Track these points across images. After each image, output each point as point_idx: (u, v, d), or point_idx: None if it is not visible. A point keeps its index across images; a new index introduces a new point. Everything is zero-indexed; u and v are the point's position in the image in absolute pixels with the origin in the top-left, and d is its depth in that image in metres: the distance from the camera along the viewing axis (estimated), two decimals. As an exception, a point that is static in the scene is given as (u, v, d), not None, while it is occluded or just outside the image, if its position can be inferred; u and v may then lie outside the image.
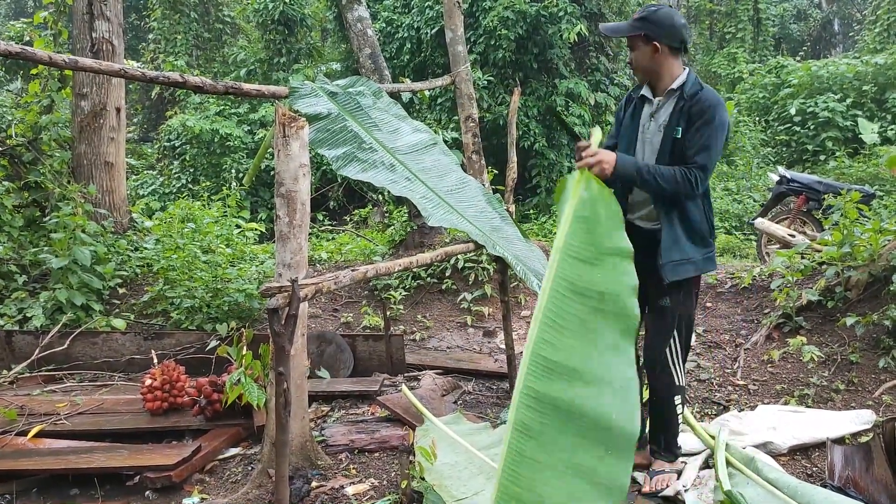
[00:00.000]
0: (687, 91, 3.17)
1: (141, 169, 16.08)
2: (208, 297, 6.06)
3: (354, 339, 5.46)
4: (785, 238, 6.83)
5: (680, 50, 3.20)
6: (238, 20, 19.96)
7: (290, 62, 16.28)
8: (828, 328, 5.02)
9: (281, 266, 3.37)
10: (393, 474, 3.67)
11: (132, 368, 5.53)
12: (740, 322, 5.61)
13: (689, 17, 28.17)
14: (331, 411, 4.63)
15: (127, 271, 6.93)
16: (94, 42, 7.28)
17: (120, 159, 7.70)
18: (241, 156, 14.50)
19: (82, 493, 3.71)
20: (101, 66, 3.06)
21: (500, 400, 4.83)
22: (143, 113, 20.99)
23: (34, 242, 6.86)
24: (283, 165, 3.34)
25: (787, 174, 7.98)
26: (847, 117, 15.39)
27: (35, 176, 7.11)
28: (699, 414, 4.38)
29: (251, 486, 3.49)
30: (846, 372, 4.51)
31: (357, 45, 8.42)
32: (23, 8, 27.74)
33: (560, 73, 13.06)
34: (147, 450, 3.95)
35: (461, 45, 6.77)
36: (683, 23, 3.19)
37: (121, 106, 7.66)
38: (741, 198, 13.37)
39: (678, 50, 3.19)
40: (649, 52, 3.18)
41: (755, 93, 18.38)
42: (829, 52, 29.63)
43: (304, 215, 3.40)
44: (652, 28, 3.14)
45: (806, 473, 3.60)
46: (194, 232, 7.11)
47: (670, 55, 3.18)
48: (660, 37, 3.13)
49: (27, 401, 4.63)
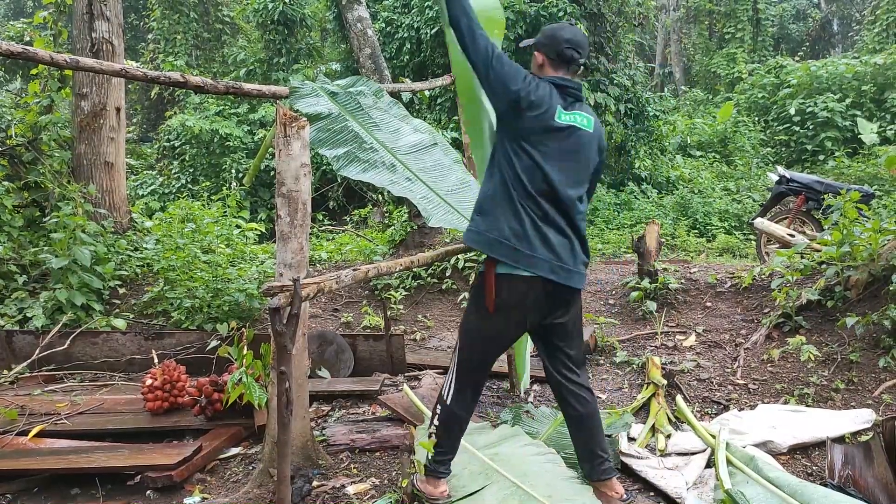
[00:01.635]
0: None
1: (140, 169, 16.07)
2: (209, 297, 6.06)
3: (355, 339, 5.46)
4: (784, 238, 6.83)
5: (559, 62, 3.21)
6: (237, 20, 19.95)
7: (290, 62, 16.28)
8: (827, 328, 5.02)
9: (282, 266, 3.37)
10: (394, 473, 3.68)
11: (132, 368, 5.54)
12: (740, 321, 5.62)
13: (688, 18, 28.22)
14: (331, 411, 4.64)
15: (127, 271, 6.93)
16: (94, 42, 7.28)
17: (120, 159, 7.70)
18: (240, 156, 14.51)
19: (83, 493, 3.72)
20: (103, 66, 3.05)
21: (500, 399, 4.84)
22: (143, 113, 20.99)
23: (34, 242, 6.86)
24: (285, 165, 3.34)
25: (786, 174, 7.99)
26: (846, 117, 15.42)
27: (35, 176, 7.11)
28: (699, 413, 4.39)
29: (252, 485, 3.49)
30: (846, 371, 4.52)
31: (357, 45, 8.43)
32: (22, 8, 27.74)
33: (559, 73, 13.05)
34: (148, 449, 3.95)
35: (461, 45, 6.76)
36: (569, 37, 3.19)
37: (120, 106, 7.66)
38: (740, 198, 13.38)
39: (557, 62, 3.21)
40: (536, 62, 3.31)
41: (754, 93, 18.41)
42: (829, 52, 29.65)
43: (305, 215, 3.41)
44: (540, 39, 3.29)
45: (806, 472, 3.61)
46: (194, 232, 7.12)
47: (550, 67, 3.23)
48: (543, 49, 3.25)
49: (28, 401, 4.63)
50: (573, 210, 3.09)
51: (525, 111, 3.04)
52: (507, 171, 3.08)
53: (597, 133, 3.20)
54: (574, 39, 3.18)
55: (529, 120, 3.04)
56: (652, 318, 5.85)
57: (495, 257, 3.01)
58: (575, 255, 3.10)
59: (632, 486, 3.56)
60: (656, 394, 4.40)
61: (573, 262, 3.08)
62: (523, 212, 3.02)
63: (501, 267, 3.02)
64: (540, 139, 3.05)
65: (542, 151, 3.04)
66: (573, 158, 3.11)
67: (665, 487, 3.40)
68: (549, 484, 3.26)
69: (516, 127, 3.08)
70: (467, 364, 3.22)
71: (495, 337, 3.18)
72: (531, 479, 3.32)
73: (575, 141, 3.11)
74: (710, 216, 12.24)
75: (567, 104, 3.12)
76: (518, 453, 3.58)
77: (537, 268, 2.98)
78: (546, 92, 3.09)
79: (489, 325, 3.13)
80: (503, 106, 3.11)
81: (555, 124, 3.06)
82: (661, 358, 5.02)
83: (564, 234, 3.07)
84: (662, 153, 15.38)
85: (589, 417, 3.31)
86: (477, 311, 3.17)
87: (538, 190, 3.03)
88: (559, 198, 3.04)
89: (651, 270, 6.06)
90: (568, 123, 3.09)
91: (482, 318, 3.13)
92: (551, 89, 3.12)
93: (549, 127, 3.05)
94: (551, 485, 3.25)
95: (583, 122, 3.13)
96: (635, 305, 6.02)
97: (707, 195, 13.25)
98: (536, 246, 2.99)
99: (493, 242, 3.02)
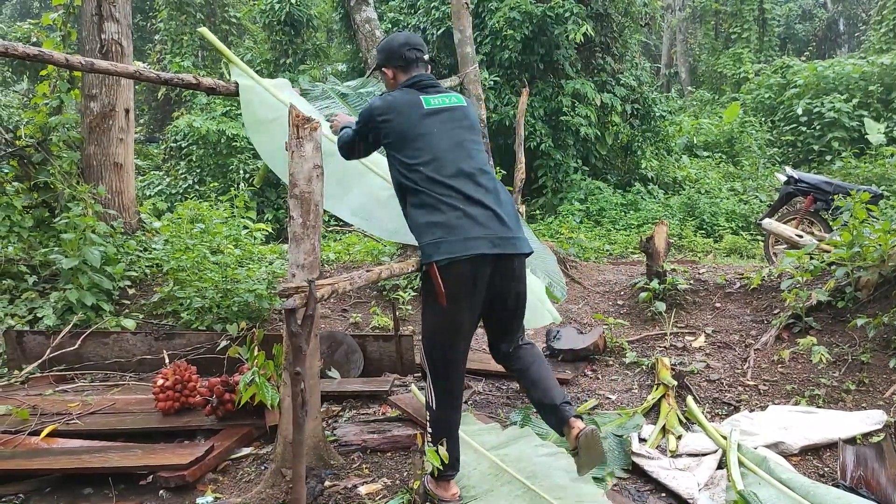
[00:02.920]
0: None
1: (147, 170, 16.10)
2: (218, 297, 6.07)
3: (364, 340, 5.47)
4: (793, 238, 6.82)
5: (406, 65, 3.46)
6: (244, 21, 20.01)
7: (297, 63, 16.31)
8: (838, 329, 5.02)
9: (294, 267, 3.38)
10: (405, 474, 3.68)
11: (143, 368, 5.55)
12: (749, 322, 5.62)
13: (694, 18, 28.19)
14: (342, 411, 4.65)
15: (136, 272, 6.95)
16: (104, 43, 7.29)
17: (129, 160, 7.72)
18: (247, 156, 14.52)
19: (96, 493, 3.73)
20: (118, 67, 3.07)
21: (509, 400, 4.84)
22: (149, 114, 21.06)
23: (44, 243, 6.87)
24: (297, 167, 3.36)
25: (794, 174, 7.97)
26: (853, 117, 15.40)
27: (45, 177, 7.13)
28: (710, 414, 4.38)
29: (264, 485, 3.50)
30: (857, 372, 4.51)
31: (365, 46, 8.44)
32: (28, 9, 27.83)
33: (566, 74, 13.07)
34: (160, 449, 3.96)
35: (469, 46, 6.78)
36: (403, 41, 3.46)
37: (130, 107, 7.68)
38: (747, 198, 13.37)
39: (405, 66, 3.46)
40: (388, 78, 3.54)
41: (761, 93, 18.39)
42: (835, 52, 29.60)
43: (317, 216, 3.42)
44: (380, 58, 3.55)
45: (818, 473, 3.61)
46: (203, 233, 7.13)
47: (402, 73, 3.47)
48: (387, 63, 3.50)
49: (39, 401, 4.64)
50: (480, 180, 3.20)
51: (388, 128, 3.25)
52: (407, 180, 3.20)
53: (467, 104, 3.44)
54: (409, 41, 3.46)
55: (396, 127, 3.23)
56: (661, 319, 5.85)
57: (441, 258, 3.04)
58: (504, 222, 3.16)
59: (643, 486, 3.56)
60: (666, 395, 4.41)
61: (506, 230, 3.15)
62: (438, 203, 3.10)
63: (440, 260, 3.05)
64: (416, 134, 3.21)
65: (426, 141, 3.19)
66: (456, 134, 3.26)
67: (677, 488, 3.40)
68: (559, 485, 3.27)
69: (392, 140, 3.26)
70: (438, 364, 3.26)
71: (454, 327, 3.19)
72: (541, 479, 3.33)
73: (449, 117, 3.30)
74: (716, 216, 12.23)
75: (428, 94, 3.33)
76: (528, 454, 3.59)
77: (473, 248, 3.04)
78: (394, 99, 3.31)
79: (445, 318, 3.15)
80: (383, 145, 3.36)
81: (424, 111, 3.26)
82: (670, 359, 5.02)
83: (484, 205, 3.14)
84: (669, 153, 15.38)
85: (530, 368, 3.40)
86: (432, 309, 3.20)
87: (441, 176, 3.14)
88: (463, 174, 3.16)
89: (660, 271, 6.06)
90: (436, 107, 3.29)
91: (436, 313, 3.16)
92: (403, 92, 3.36)
93: (419, 116, 3.24)
94: (561, 485, 3.26)
95: (450, 101, 3.35)
96: (644, 306, 6.02)
97: (714, 195, 13.24)
98: (465, 228, 3.06)
99: (432, 249, 3.06)
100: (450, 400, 3.27)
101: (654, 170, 14.45)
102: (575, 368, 5.32)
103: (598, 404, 4.65)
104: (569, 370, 5.25)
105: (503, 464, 3.52)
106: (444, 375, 3.25)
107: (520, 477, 3.36)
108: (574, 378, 5.13)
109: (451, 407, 3.27)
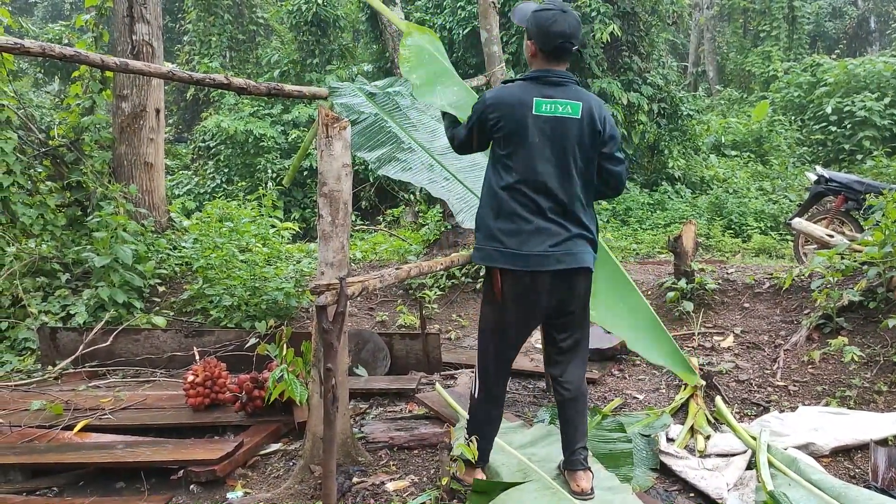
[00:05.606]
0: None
1: (176, 169, 16.30)
2: (246, 295, 6.14)
3: (391, 338, 5.50)
4: (823, 238, 6.73)
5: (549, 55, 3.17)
6: (271, 22, 20.16)
7: (323, 63, 16.41)
8: (869, 329, 4.95)
9: (324, 265, 3.41)
10: (433, 471, 3.70)
11: (173, 365, 5.62)
12: (779, 322, 5.56)
13: (722, 16, 27.93)
14: (369, 409, 4.68)
15: (166, 270, 7.05)
16: (135, 44, 7.40)
17: (159, 160, 7.83)
18: (274, 156, 14.66)
19: (128, 487, 3.80)
20: (151, 68, 3.12)
21: (536, 399, 4.84)
22: (178, 114, 21.29)
23: (76, 241, 7.00)
24: (327, 165, 3.38)
25: (825, 174, 7.86)
26: (885, 116, 15.15)
27: (77, 176, 7.26)
28: (738, 414, 4.35)
29: (293, 481, 3.54)
30: (889, 373, 4.45)
31: (393, 46, 8.47)
32: (59, 10, 28.26)
33: (593, 73, 13.01)
34: (191, 444, 4.02)
35: (496, 45, 6.76)
36: (561, 32, 3.11)
37: (160, 107, 7.79)
38: (776, 198, 13.22)
39: (547, 55, 3.18)
40: (528, 50, 3.29)
41: (790, 91, 18.16)
42: (866, 49, 29.13)
43: (346, 215, 3.45)
44: (532, 30, 3.20)
45: (849, 475, 3.57)
46: (232, 231, 7.22)
47: (542, 59, 3.20)
48: (535, 39, 3.19)
49: (72, 396, 4.73)
50: (563, 197, 3.10)
51: (495, 122, 3.13)
52: (494, 174, 3.18)
53: (586, 115, 3.12)
54: (567, 32, 3.10)
55: (503, 126, 3.11)
56: (689, 319, 5.81)
57: (497, 267, 3.10)
58: (573, 239, 3.12)
59: (671, 486, 3.55)
60: (694, 395, 4.38)
61: (572, 246, 3.11)
62: (512, 212, 3.08)
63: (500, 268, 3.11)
64: (518, 139, 3.09)
65: (524, 149, 3.08)
66: (556, 150, 3.09)
67: (706, 488, 3.39)
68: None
69: (498, 135, 3.15)
70: (487, 359, 3.30)
71: (508, 329, 3.23)
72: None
73: (557, 129, 3.08)
74: (745, 216, 12.11)
75: (546, 94, 3.10)
76: (554, 453, 3.58)
77: (535, 264, 3.04)
78: (503, 96, 3.17)
79: (501, 317, 3.20)
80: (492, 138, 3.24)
81: (532, 115, 3.07)
82: (698, 359, 4.99)
83: (558, 223, 3.10)
84: (696, 153, 15.25)
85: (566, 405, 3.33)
86: (489, 305, 3.25)
87: (526, 188, 3.08)
88: (547, 189, 3.08)
89: (688, 271, 6.02)
90: (546, 114, 3.08)
91: (493, 310, 3.22)
92: (519, 87, 3.17)
93: (525, 120, 3.07)
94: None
95: (565, 110, 3.09)
96: (672, 306, 5.98)
97: (742, 195, 13.11)
98: (531, 242, 3.05)
99: (492, 255, 3.11)
100: (492, 396, 3.34)
101: (682, 169, 14.34)
102: (602, 368, 5.30)
103: (625, 403, 4.64)
104: (596, 370, 5.23)
105: (531, 462, 3.52)
106: (490, 371, 3.31)
107: (547, 476, 3.37)
108: (601, 377, 5.11)
109: (491, 402, 3.35)
